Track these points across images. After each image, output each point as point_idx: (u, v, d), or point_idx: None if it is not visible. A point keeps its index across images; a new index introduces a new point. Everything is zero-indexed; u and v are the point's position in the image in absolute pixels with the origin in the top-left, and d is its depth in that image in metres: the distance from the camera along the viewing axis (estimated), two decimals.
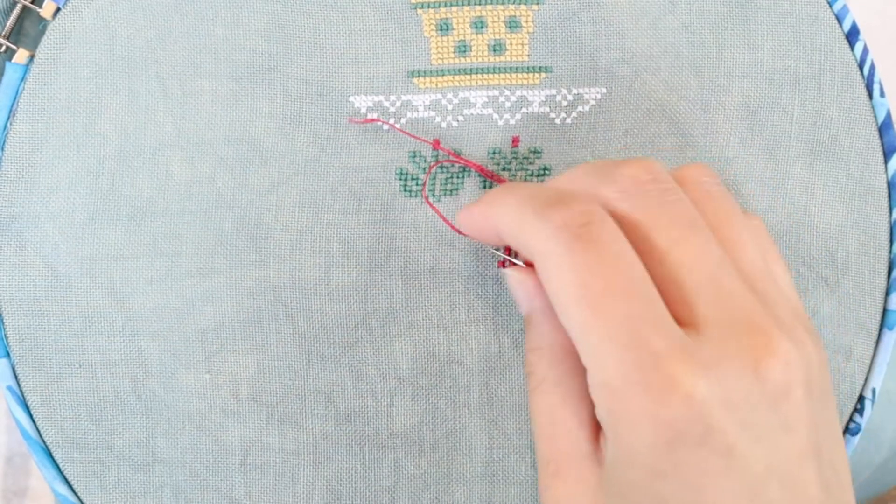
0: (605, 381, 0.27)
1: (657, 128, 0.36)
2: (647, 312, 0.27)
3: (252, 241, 0.35)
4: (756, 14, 0.36)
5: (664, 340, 0.27)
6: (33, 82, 0.35)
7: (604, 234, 0.28)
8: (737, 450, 0.26)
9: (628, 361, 0.27)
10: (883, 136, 0.37)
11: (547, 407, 0.30)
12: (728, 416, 0.26)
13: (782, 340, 0.27)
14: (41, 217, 0.35)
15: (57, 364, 0.35)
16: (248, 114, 0.35)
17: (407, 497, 0.35)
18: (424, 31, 0.35)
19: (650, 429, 0.27)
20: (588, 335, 0.27)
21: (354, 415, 0.35)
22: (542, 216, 0.29)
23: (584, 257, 0.28)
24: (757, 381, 0.27)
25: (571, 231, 0.28)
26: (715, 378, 0.27)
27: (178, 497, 0.35)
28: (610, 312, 0.27)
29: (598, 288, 0.27)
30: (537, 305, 0.32)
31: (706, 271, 0.28)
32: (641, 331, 0.27)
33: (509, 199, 0.30)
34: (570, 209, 0.28)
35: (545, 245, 0.28)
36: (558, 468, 0.30)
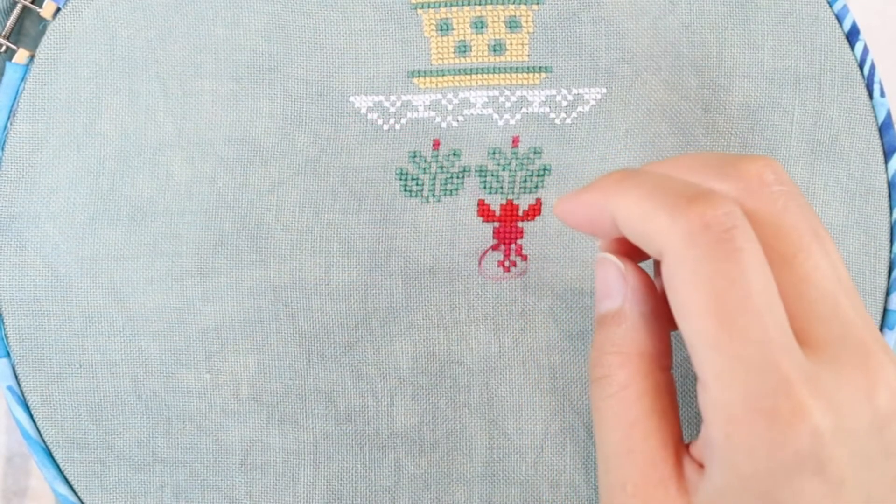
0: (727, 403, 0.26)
1: (657, 128, 0.36)
2: (780, 337, 0.26)
3: (252, 241, 0.35)
4: (756, 14, 0.36)
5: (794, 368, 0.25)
6: (33, 82, 0.35)
7: (747, 242, 0.26)
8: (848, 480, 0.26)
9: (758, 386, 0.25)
10: (883, 136, 0.37)
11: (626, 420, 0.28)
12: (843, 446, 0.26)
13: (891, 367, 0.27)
14: (41, 217, 0.35)
15: (57, 364, 0.35)
16: (248, 114, 0.35)
17: (407, 497, 0.35)
18: (424, 31, 0.35)
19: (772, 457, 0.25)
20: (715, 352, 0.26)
21: (355, 414, 0.35)
22: (680, 212, 0.26)
23: (725, 267, 0.25)
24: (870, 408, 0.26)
25: (713, 234, 0.26)
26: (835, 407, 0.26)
27: (178, 497, 0.35)
28: (744, 333, 0.25)
29: (736, 304, 0.25)
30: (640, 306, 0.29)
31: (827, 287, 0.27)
32: (774, 356, 0.25)
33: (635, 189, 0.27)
34: (713, 209, 0.26)
35: (680, 245, 0.26)
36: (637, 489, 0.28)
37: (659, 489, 0.28)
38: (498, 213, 0.36)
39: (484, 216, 0.36)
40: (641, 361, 0.29)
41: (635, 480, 0.28)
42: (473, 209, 0.36)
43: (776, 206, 0.27)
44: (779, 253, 0.27)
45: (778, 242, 0.27)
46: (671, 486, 0.28)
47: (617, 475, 0.28)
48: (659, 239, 0.27)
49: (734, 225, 0.26)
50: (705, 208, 0.26)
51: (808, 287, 0.27)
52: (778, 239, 0.27)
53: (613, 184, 0.28)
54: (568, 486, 0.35)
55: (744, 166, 0.28)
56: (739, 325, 0.25)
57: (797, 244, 0.27)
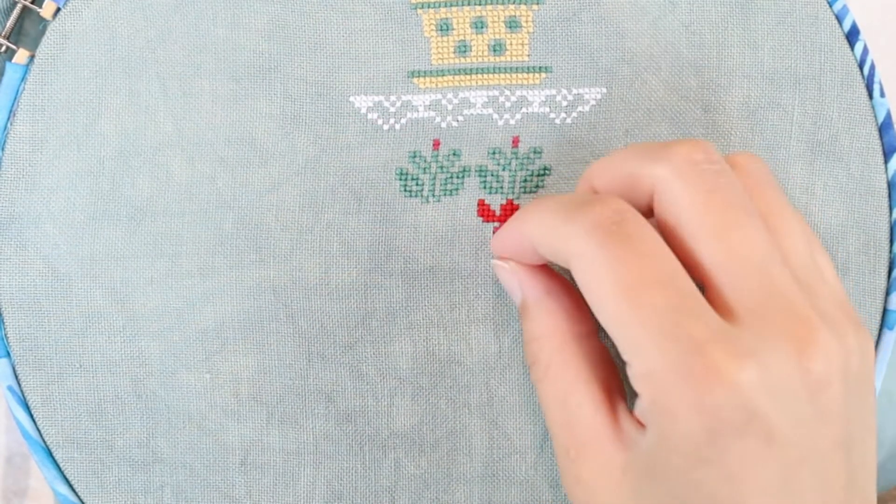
0: (648, 372, 0.27)
1: (657, 128, 0.36)
2: (684, 302, 0.27)
3: (252, 241, 0.35)
4: (756, 14, 0.36)
5: (706, 328, 0.27)
6: (33, 82, 0.35)
7: (636, 229, 0.28)
8: (776, 437, 0.27)
9: (671, 350, 0.27)
10: (883, 136, 0.37)
11: (557, 393, 0.31)
12: (769, 403, 0.27)
13: (824, 332, 0.28)
14: (41, 217, 0.35)
15: (57, 364, 0.35)
16: (248, 114, 0.35)
17: (407, 497, 0.35)
18: (424, 31, 0.35)
19: (694, 417, 0.27)
20: (628, 328, 0.28)
21: (355, 414, 0.35)
22: (573, 220, 0.29)
23: (620, 252, 0.28)
24: (798, 370, 0.27)
25: (603, 229, 0.28)
26: (758, 365, 0.27)
27: (178, 497, 0.35)
28: (648, 303, 0.27)
29: (635, 280, 0.27)
30: (532, 294, 0.32)
31: (755, 259, 0.28)
32: (682, 320, 0.27)
33: (538, 211, 0.30)
34: (599, 208, 0.29)
35: (578, 245, 0.28)
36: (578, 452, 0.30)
37: (597, 448, 0.30)
38: (498, 214, 0.36)
39: (484, 216, 0.36)
40: (553, 339, 0.31)
41: (575, 445, 0.30)
42: (474, 209, 0.36)
43: (705, 184, 0.29)
44: (708, 228, 0.28)
45: (707, 217, 0.28)
46: (607, 444, 0.30)
47: (560, 444, 0.31)
48: (564, 247, 0.29)
49: (623, 218, 0.28)
50: (592, 210, 0.29)
51: (735, 259, 0.28)
52: (707, 214, 0.28)
53: (525, 212, 0.31)
54: None
55: (674, 148, 0.29)
56: (643, 298, 0.27)
57: (725, 219, 0.28)
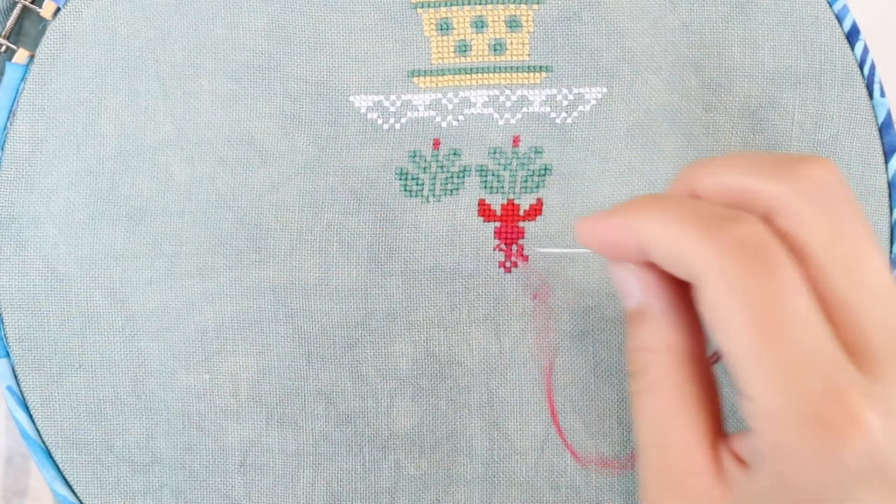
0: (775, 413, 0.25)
1: (658, 127, 0.36)
2: (825, 345, 0.26)
3: (252, 241, 0.35)
4: (757, 14, 0.36)
5: (846, 376, 0.25)
6: (33, 82, 0.35)
7: (779, 258, 0.26)
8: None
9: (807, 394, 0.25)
10: (883, 136, 0.37)
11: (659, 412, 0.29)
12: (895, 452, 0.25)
13: None
14: (41, 217, 0.35)
15: (57, 364, 0.35)
16: (248, 114, 0.35)
17: (407, 498, 0.35)
18: (425, 31, 0.35)
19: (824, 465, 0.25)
20: (758, 363, 0.26)
21: (354, 415, 0.35)
22: (712, 233, 0.26)
23: (764, 282, 0.26)
24: None
25: (747, 252, 0.26)
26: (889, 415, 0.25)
27: (177, 497, 0.35)
28: (786, 341, 0.25)
29: (775, 315, 0.25)
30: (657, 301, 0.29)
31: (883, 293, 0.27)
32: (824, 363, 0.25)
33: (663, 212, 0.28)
34: (745, 228, 0.26)
35: (715, 264, 0.26)
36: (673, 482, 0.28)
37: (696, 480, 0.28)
38: (499, 213, 0.36)
39: (485, 216, 0.36)
40: (670, 355, 0.29)
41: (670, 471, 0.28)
42: (474, 209, 0.36)
43: (835, 210, 0.27)
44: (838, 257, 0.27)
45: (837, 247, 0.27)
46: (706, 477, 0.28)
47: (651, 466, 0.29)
48: (692, 261, 0.27)
49: (767, 243, 0.26)
50: (738, 227, 0.26)
51: (865, 294, 0.27)
52: (837, 244, 0.27)
53: (640, 208, 0.28)
54: (568, 487, 0.35)
55: (802, 168, 0.27)
56: (785, 334, 0.25)
57: (856, 249, 0.27)
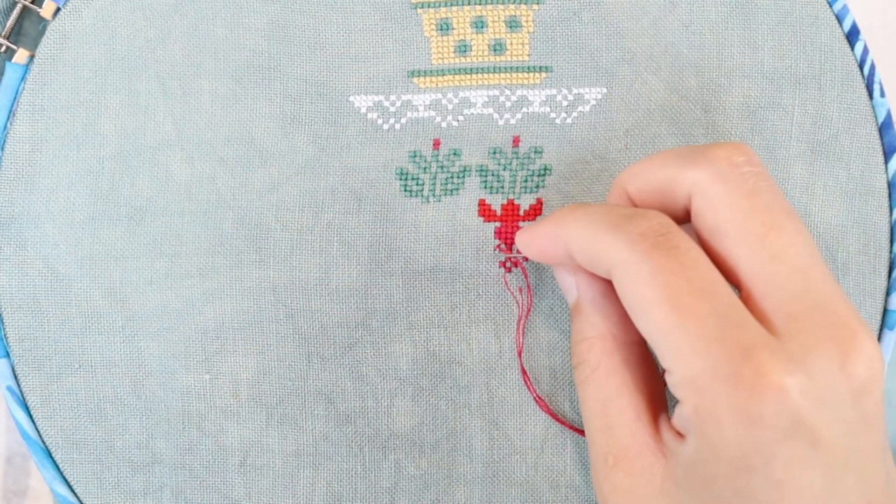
0: (692, 378, 0.27)
1: (658, 128, 0.36)
2: (729, 311, 0.27)
3: (252, 241, 0.35)
4: (756, 14, 0.36)
5: (753, 335, 0.27)
6: (33, 82, 0.35)
7: (681, 241, 0.28)
8: (822, 442, 0.27)
9: (717, 356, 0.27)
10: (883, 136, 0.37)
11: (600, 397, 0.31)
12: (815, 409, 0.27)
13: (865, 337, 0.28)
14: (41, 217, 0.35)
15: (57, 364, 0.35)
16: (248, 114, 0.35)
17: (407, 498, 0.35)
18: (425, 31, 0.35)
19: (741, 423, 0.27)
20: (672, 335, 0.28)
21: (354, 415, 0.35)
22: (619, 229, 0.29)
23: (665, 262, 0.28)
24: (843, 375, 0.27)
25: (649, 240, 0.28)
26: (804, 371, 0.27)
27: (177, 498, 0.35)
28: (694, 312, 0.27)
29: (680, 289, 0.28)
30: (588, 295, 0.32)
31: (797, 264, 0.28)
32: (728, 327, 0.27)
33: (580, 218, 0.31)
34: (645, 221, 0.29)
35: (622, 256, 0.29)
36: (617, 459, 0.30)
37: (637, 457, 0.30)
38: (499, 213, 0.36)
39: (485, 216, 0.36)
40: (604, 342, 0.31)
41: (615, 451, 0.30)
42: (474, 209, 0.36)
43: (747, 187, 0.29)
44: (750, 231, 0.28)
45: (750, 221, 0.29)
46: (647, 453, 0.30)
47: (599, 449, 0.31)
48: (605, 255, 0.29)
49: (667, 230, 0.29)
50: (638, 222, 0.29)
51: (779, 263, 0.28)
52: (750, 218, 0.29)
53: (564, 215, 0.31)
54: (568, 486, 0.35)
55: (713, 152, 0.29)
56: (689, 305, 0.27)
57: (769, 222, 0.28)
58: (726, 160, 0.29)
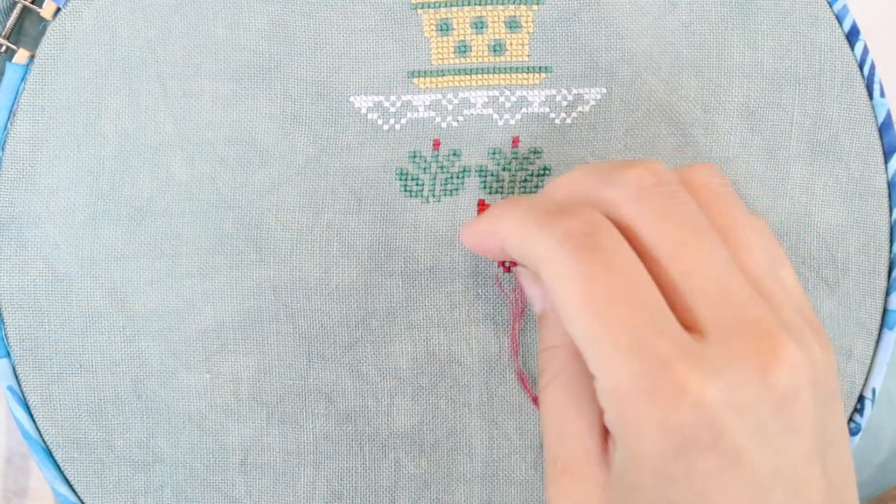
0: (614, 388, 0.27)
1: (657, 128, 0.36)
2: (652, 319, 0.27)
3: (252, 241, 0.35)
4: (756, 14, 0.36)
5: (671, 345, 0.27)
6: (33, 82, 0.35)
7: (608, 242, 0.28)
8: (745, 454, 0.26)
9: (636, 367, 0.27)
10: (883, 136, 0.37)
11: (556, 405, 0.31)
12: (737, 421, 0.26)
13: (789, 344, 0.27)
14: (41, 217, 0.35)
15: (57, 364, 0.35)
16: (248, 114, 0.35)
17: (407, 497, 0.36)
18: (424, 32, 0.35)
19: (659, 435, 0.27)
20: (594, 343, 0.27)
21: (355, 414, 0.35)
22: (546, 226, 0.29)
23: (589, 266, 0.28)
24: (765, 385, 0.27)
25: (575, 240, 0.28)
26: (723, 382, 0.26)
27: (178, 497, 0.35)
28: (615, 320, 0.27)
29: (603, 296, 0.27)
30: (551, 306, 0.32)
31: (712, 276, 0.28)
32: (648, 337, 0.27)
33: (511, 213, 0.30)
34: (574, 218, 0.28)
35: (549, 254, 0.28)
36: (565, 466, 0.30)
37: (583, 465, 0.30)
38: None
39: None
40: (565, 352, 0.31)
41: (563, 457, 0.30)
42: (474, 209, 0.36)
43: (655, 206, 0.29)
44: (659, 250, 0.28)
45: (661, 241, 0.28)
46: (593, 460, 0.30)
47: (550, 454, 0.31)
48: (535, 252, 0.29)
49: (594, 230, 0.28)
50: (567, 219, 0.28)
51: (692, 277, 0.28)
52: (661, 238, 0.29)
53: (498, 211, 0.31)
54: None
55: (623, 173, 0.29)
56: (610, 312, 0.27)
57: (678, 239, 0.28)
58: (636, 182, 0.29)
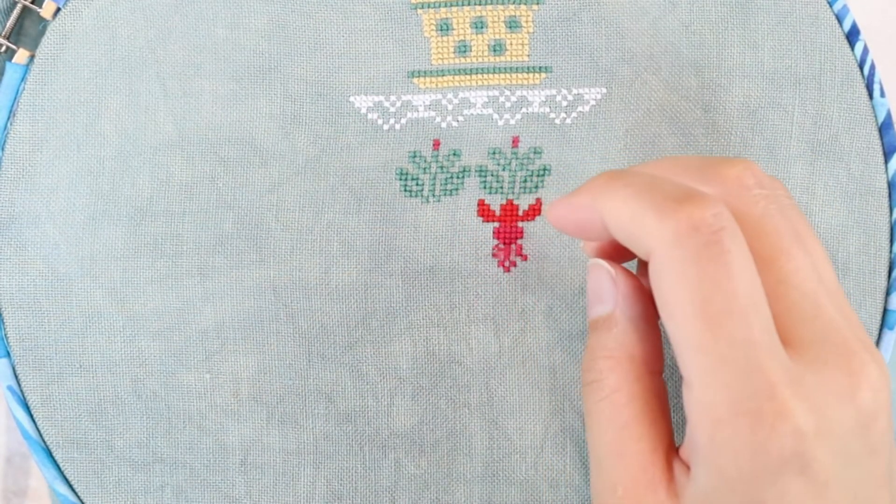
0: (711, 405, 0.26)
1: (657, 128, 0.36)
2: (764, 338, 0.26)
3: (252, 241, 0.35)
4: (756, 14, 0.36)
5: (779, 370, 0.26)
6: (33, 82, 0.35)
7: (732, 245, 0.26)
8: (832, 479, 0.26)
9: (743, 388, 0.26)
10: (883, 136, 0.37)
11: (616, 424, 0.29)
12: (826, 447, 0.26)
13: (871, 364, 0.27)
14: (41, 217, 0.35)
15: (57, 364, 0.35)
16: (248, 114, 0.35)
17: (407, 497, 0.35)
18: (424, 32, 0.35)
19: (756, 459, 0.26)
20: (701, 353, 0.26)
21: (355, 414, 0.35)
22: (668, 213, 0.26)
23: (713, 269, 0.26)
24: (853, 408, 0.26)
25: (701, 236, 0.26)
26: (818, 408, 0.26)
27: (178, 497, 0.35)
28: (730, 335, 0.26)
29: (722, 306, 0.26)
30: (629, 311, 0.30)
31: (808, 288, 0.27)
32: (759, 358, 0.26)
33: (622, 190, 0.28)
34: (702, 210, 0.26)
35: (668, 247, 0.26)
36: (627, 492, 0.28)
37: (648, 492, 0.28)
38: (498, 214, 0.36)
39: (484, 216, 0.36)
40: (632, 365, 0.29)
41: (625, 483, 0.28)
42: (473, 209, 0.36)
43: (757, 209, 0.28)
44: (759, 255, 0.27)
45: (759, 245, 0.27)
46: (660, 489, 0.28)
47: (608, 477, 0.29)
48: (647, 240, 0.27)
49: (722, 227, 0.26)
50: (693, 209, 0.26)
51: (788, 288, 0.27)
52: (759, 241, 0.27)
53: (602, 185, 0.28)
54: (568, 486, 0.35)
55: (724, 170, 0.28)
56: (724, 326, 0.26)
57: (778, 246, 0.27)
58: (736, 181, 0.28)
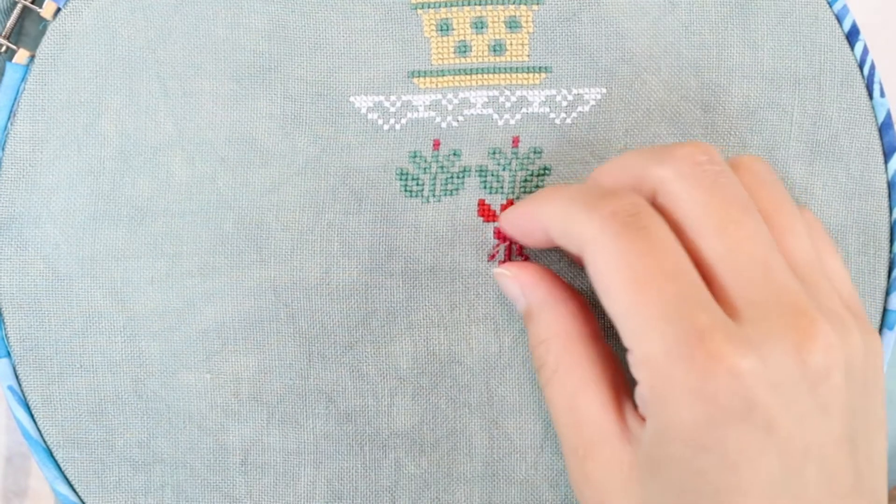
0: (649, 358, 0.28)
1: (657, 128, 0.36)
2: (692, 293, 0.28)
3: (253, 241, 0.35)
4: (756, 14, 0.36)
5: (708, 317, 0.28)
6: (34, 82, 0.35)
7: (650, 223, 0.29)
8: (777, 427, 0.27)
9: (673, 337, 0.28)
10: (883, 136, 0.37)
11: (565, 395, 0.31)
12: (770, 394, 0.27)
13: (823, 325, 0.28)
14: (42, 217, 0.35)
15: (58, 364, 0.35)
16: (248, 114, 0.35)
17: (407, 496, 0.36)
18: (425, 32, 0.36)
19: (694, 403, 0.27)
20: (634, 315, 0.28)
21: (355, 414, 0.35)
22: (592, 208, 0.30)
23: (633, 243, 0.29)
24: (798, 362, 0.28)
25: (620, 219, 0.29)
26: (758, 355, 0.27)
27: (178, 497, 0.35)
28: (656, 292, 0.28)
29: (646, 270, 0.28)
30: (536, 298, 0.33)
31: (754, 254, 0.29)
32: (687, 308, 0.28)
33: (557, 197, 0.31)
34: (619, 200, 0.30)
35: (594, 233, 0.29)
36: (587, 451, 0.31)
37: (605, 447, 0.30)
38: (498, 214, 0.36)
39: (484, 216, 0.36)
40: (559, 341, 0.32)
41: (584, 444, 0.31)
42: (474, 209, 0.36)
43: (706, 183, 0.30)
44: (709, 225, 0.29)
45: (707, 216, 0.29)
46: (615, 442, 0.30)
47: (569, 443, 0.31)
48: (579, 233, 0.30)
49: (638, 211, 0.29)
50: (612, 200, 0.30)
51: (738, 254, 0.29)
52: (707, 213, 0.29)
53: (542, 196, 0.32)
54: (568, 486, 0.36)
55: (677, 150, 0.31)
56: (651, 287, 0.28)
57: (728, 216, 0.29)
58: (689, 158, 0.30)
